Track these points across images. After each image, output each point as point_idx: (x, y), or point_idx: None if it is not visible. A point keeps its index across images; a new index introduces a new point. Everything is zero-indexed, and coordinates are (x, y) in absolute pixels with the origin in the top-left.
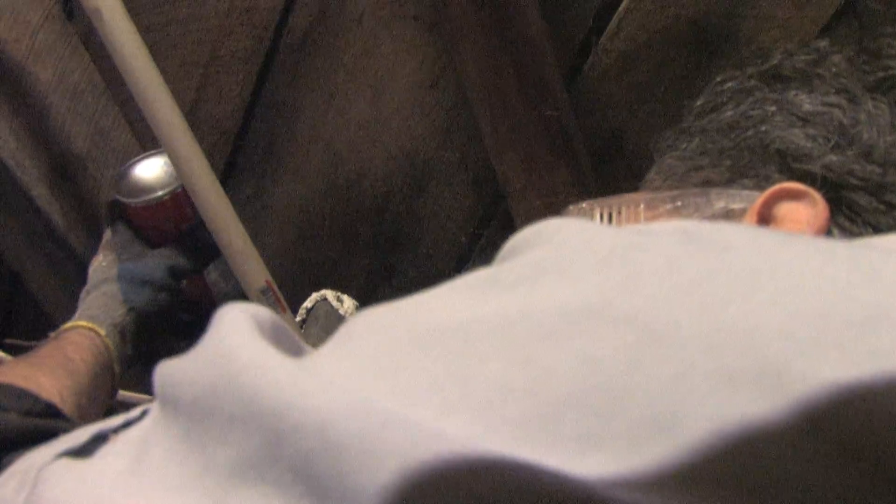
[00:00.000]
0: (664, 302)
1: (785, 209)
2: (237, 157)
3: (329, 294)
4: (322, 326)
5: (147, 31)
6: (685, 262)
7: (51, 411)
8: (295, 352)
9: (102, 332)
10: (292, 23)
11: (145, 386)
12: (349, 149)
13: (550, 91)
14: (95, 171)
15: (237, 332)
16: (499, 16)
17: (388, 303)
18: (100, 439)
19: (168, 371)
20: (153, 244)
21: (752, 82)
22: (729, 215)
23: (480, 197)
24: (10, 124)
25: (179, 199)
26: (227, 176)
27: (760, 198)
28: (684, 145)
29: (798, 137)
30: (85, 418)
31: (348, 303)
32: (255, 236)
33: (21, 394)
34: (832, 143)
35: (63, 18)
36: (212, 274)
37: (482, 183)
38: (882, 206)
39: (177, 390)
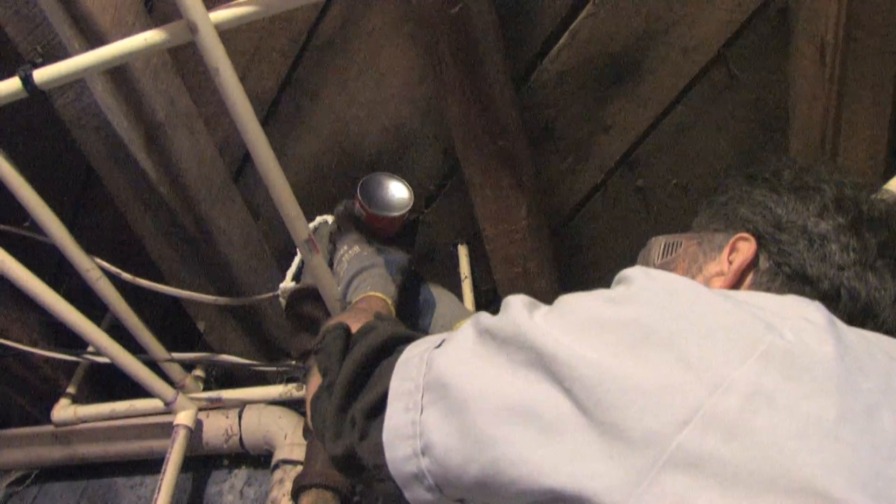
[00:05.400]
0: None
1: (741, 244)
2: (269, 120)
3: (330, 218)
4: (324, 243)
5: None
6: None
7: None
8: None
9: (389, 301)
10: (320, 30)
11: None
12: (354, 120)
13: (505, 126)
14: (172, 133)
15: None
16: (473, 79)
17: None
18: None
19: (486, 322)
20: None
21: (737, 183)
22: (721, 245)
23: (446, 160)
24: (122, 108)
25: (403, 216)
26: None
27: (733, 238)
28: (709, 209)
29: (752, 214)
30: None
31: None
32: None
33: (389, 317)
34: (764, 217)
35: (146, 13)
36: None
37: (448, 151)
38: (776, 250)
39: (494, 329)
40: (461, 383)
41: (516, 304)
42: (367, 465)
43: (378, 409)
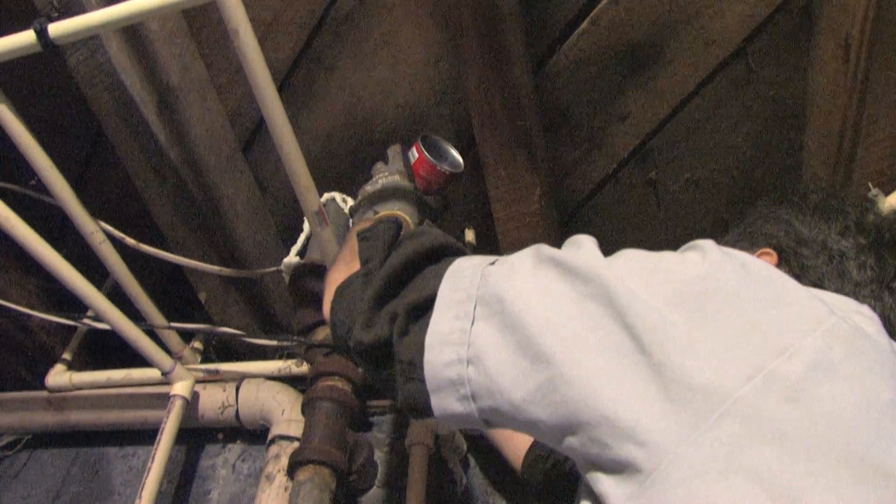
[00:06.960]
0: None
1: (763, 258)
2: (283, 91)
3: (337, 195)
4: (332, 220)
5: None
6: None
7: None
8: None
9: (410, 222)
10: (340, 3)
11: None
12: (369, 97)
13: (523, 107)
14: (184, 98)
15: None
16: (494, 54)
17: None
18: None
19: (550, 251)
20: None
21: (765, 205)
22: None
23: (459, 141)
24: (138, 72)
25: (449, 179)
26: None
27: (756, 253)
28: (736, 229)
29: (776, 230)
30: None
31: (351, 202)
32: None
33: (433, 228)
34: (787, 233)
35: None
36: None
37: (461, 132)
38: (797, 264)
39: (561, 258)
40: (521, 302)
41: (589, 243)
42: (401, 360)
43: (421, 310)
